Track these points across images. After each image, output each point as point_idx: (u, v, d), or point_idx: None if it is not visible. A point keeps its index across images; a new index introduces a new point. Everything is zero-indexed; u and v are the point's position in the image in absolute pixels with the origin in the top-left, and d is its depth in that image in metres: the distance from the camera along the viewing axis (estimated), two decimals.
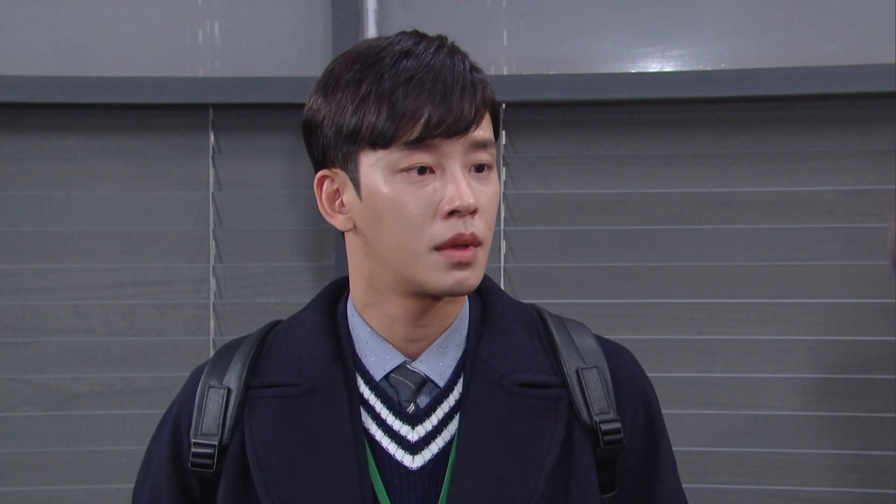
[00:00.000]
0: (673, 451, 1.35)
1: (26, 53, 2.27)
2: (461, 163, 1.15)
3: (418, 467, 1.20)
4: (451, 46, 1.19)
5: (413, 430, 1.21)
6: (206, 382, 1.26)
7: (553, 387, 1.23)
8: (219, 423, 1.22)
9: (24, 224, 2.27)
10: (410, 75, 1.14)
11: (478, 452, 1.18)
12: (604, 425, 1.24)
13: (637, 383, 1.31)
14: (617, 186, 2.24)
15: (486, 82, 1.19)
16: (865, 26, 2.18)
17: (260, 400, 1.22)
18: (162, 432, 1.29)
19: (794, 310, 2.20)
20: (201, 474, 1.23)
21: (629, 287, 2.23)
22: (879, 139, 2.19)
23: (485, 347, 1.24)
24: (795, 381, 2.20)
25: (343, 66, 1.19)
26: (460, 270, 1.16)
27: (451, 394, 1.23)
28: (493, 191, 1.19)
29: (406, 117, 1.13)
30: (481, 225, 1.17)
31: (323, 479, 1.17)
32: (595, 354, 1.28)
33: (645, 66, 2.24)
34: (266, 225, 2.28)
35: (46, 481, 2.25)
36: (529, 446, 1.20)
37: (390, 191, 1.15)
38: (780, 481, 2.19)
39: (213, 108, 2.28)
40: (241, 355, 1.26)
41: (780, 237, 2.21)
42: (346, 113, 1.16)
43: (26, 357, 2.26)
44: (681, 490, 1.34)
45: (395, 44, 1.18)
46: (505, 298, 1.30)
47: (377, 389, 1.22)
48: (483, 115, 1.17)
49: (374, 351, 1.23)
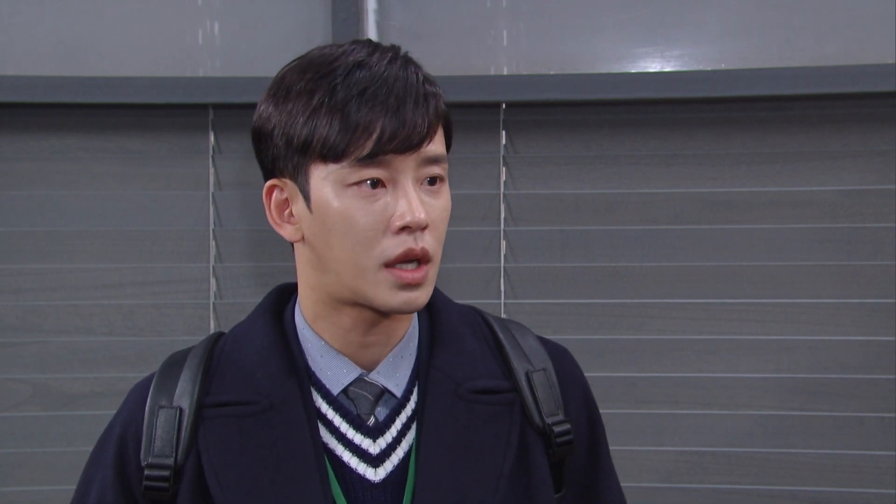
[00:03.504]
0: (609, 449, 1.35)
1: (26, 53, 2.27)
2: (413, 178, 1.14)
3: (381, 480, 1.19)
4: (404, 58, 1.17)
5: (374, 442, 1.20)
6: (154, 402, 1.22)
7: (506, 391, 1.23)
8: (172, 444, 1.19)
9: (24, 224, 2.27)
10: (363, 87, 1.12)
11: (438, 462, 1.18)
12: (556, 427, 1.24)
13: (579, 383, 1.31)
14: (617, 186, 2.24)
15: (438, 95, 1.17)
16: (865, 26, 2.18)
17: (215, 419, 1.19)
18: (102, 453, 1.24)
19: (794, 310, 2.20)
20: (155, 497, 1.19)
21: (629, 287, 2.23)
22: (879, 139, 2.19)
23: (438, 356, 1.23)
24: (795, 381, 2.20)
25: (295, 75, 1.16)
26: (410, 291, 1.14)
27: (408, 404, 1.22)
28: (445, 205, 1.17)
29: (358, 131, 1.11)
30: (431, 240, 1.15)
31: (286, 498, 1.16)
32: (541, 356, 1.28)
33: (645, 66, 2.24)
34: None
35: (46, 481, 2.25)
36: (487, 452, 1.20)
37: (340, 205, 1.13)
38: (779, 481, 2.19)
39: (213, 108, 2.28)
40: (190, 372, 1.23)
41: (779, 237, 2.21)
42: (297, 124, 1.13)
43: (26, 357, 2.26)
44: (619, 485, 1.35)
45: (348, 54, 1.15)
46: (449, 304, 1.29)
47: (335, 404, 1.20)
48: (436, 130, 1.15)
49: (330, 365, 1.21)
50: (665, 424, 2.21)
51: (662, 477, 2.19)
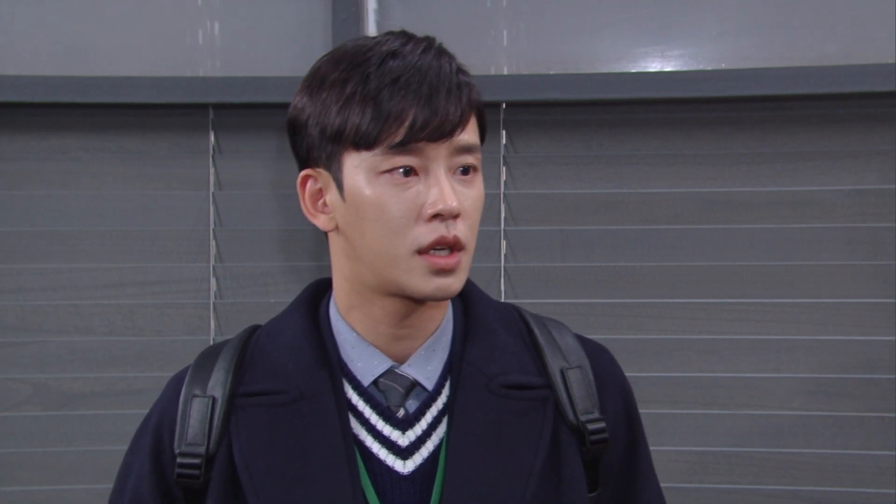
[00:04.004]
0: (649, 450, 1.35)
1: (26, 53, 2.27)
2: (445, 166, 1.14)
3: (409, 472, 1.19)
4: (438, 48, 1.18)
5: (403, 434, 1.20)
6: (188, 391, 1.23)
7: (539, 387, 1.23)
8: (205, 433, 1.20)
9: (24, 224, 2.27)
10: (396, 76, 1.13)
11: (468, 456, 1.18)
12: (590, 425, 1.24)
13: (618, 383, 1.31)
14: (617, 186, 2.24)
15: (472, 85, 1.18)
16: (865, 26, 2.18)
17: (247, 408, 1.21)
18: (140, 443, 1.26)
19: (794, 309, 2.20)
20: (187, 485, 1.20)
21: (629, 287, 2.23)
22: (879, 139, 2.19)
23: (471, 350, 1.23)
24: (795, 381, 2.20)
25: (329, 66, 1.18)
26: (443, 277, 1.15)
27: (440, 397, 1.22)
28: (478, 194, 1.18)
29: (391, 119, 1.12)
30: (464, 229, 1.15)
31: (315, 487, 1.16)
32: (577, 354, 1.28)
33: (645, 66, 2.24)
34: (266, 225, 2.28)
35: (46, 481, 2.25)
36: (518, 448, 1.20)
37: (373, 193, 1.14)
38: (779, 481, 2.19)
39: (213, 108, 2.28)
40: (224, 363, 1.24)
41: (780, 237, 2.21)
42: (331, 113, 1.15)
43: (26, 357, 2.26)
44: (659, 488, 1.35)
45: (381, 44, 1.17)
46: (486, 299, 1.29)
47: (366, 395, 1.21)
48: (469, 119, 1.16)
49: (361, 356, 1.22)
50: (665, 424, 2.21)
51: (662, 477, 2.16)
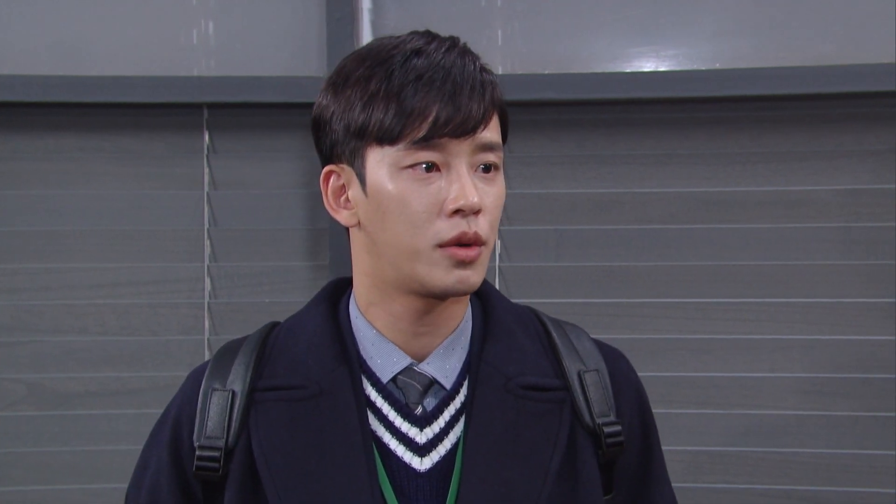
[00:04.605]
0: (663, 453, 1.35)
1: (21, 53, 2.27)
2: (467, 163, 1.15)
3: (426, 469, 1.20)
4: (462, 47, 1.19)
5: (421, 432, 1.21)
6: (208, 385, 1.24)
7: (556, 389, 1.24)
8: (224, 427, 1.21)
9: (19, 223, 2.27)
10: (420, 74, 1.14)
11: (485, 455, 1.19)
12: (606, 428, 1.25)
13: (634, 387, 1.32)
14: (611, 186, 2.24)
15: (495, 84, 1.19)
16: (860, 26, 2.18)
17: (266, 403, 1.22)
18: (160, 435, 1.27)
19: (790, 309, 2.20)
20: (206, 478, 1.21)
21: (624, 286, 2.23)
22: (876, 139, 2.19)
23: (489, 350, 1.24)
24: (790, 381, 2.20)
25: (354, 64, 1.19)
26: (462, 269, 1.16)
27: (458, 396, 1.23)
28: (499, 192, 1.19)
29: (414, 115, 1.13)
30: (485, 225, 1.16)
31: (333, 482, 1.17)
32: (594, 357, 1.29)
33: (640, 66, 2.24)
34: (261, 224, 2.28)
35: (41, 481, 2.25)
36: (535, 449, 1.20)
37: (395, 188, 1.15)
38: (774, 481, 2.19)
39: (207, 108, 2.28)
40: (244, 357, 1.25)
41: (775, 237, 2.21)
42: (355, 109, 1.16)
43: (21, 357, 2.26)
44: (672, 492, 1.35)
45: (406, 42, 1.18)
46: (505, 301, 1.31)
47: (384, 392, 1.22)
48: (491, 117, 1.17)
49: (380, 353, 1.23)
50: (660, 424, 2.19)
51: None
